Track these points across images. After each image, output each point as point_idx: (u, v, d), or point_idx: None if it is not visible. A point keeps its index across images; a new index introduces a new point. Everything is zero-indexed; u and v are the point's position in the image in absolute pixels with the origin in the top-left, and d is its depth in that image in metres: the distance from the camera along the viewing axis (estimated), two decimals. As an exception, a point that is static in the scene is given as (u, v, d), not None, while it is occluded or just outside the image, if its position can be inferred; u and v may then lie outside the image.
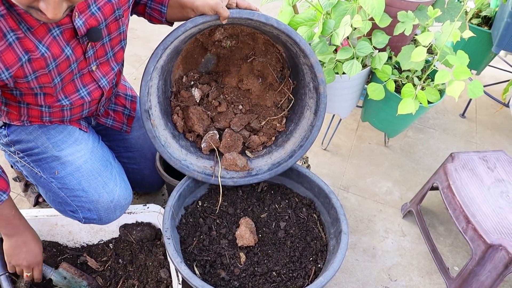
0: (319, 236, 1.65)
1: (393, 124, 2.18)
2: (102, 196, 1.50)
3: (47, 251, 1.71)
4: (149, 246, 1.71)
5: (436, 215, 2.16)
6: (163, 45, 1.37)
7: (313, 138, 1.62)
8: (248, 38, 1.65)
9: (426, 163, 2.46)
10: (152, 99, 1.53)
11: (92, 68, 1.40)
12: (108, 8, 1.31)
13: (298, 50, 1.48)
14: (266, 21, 1.36)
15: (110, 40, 1.40)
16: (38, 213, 1.67)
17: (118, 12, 1.36)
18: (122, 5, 1.36)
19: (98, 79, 1.45)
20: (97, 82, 1.45)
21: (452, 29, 1.72)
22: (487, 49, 2.50)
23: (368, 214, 2.15)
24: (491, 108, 2.93)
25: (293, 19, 1.88)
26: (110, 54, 1.44)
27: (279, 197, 1.75)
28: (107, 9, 1.31)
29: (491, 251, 1.56)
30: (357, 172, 2.36)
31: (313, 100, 1.60)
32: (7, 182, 1.34)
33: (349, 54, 1.77)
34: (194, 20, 1.35)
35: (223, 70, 1.73)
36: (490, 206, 1.66)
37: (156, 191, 2.13)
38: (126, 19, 1.43)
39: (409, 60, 1.79)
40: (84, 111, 1.53)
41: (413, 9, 1.87)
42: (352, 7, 1.82)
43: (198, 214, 1.67)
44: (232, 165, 1.66)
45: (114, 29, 1.38)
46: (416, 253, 2.00)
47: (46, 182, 1.51)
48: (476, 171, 1.80)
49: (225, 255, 1.54)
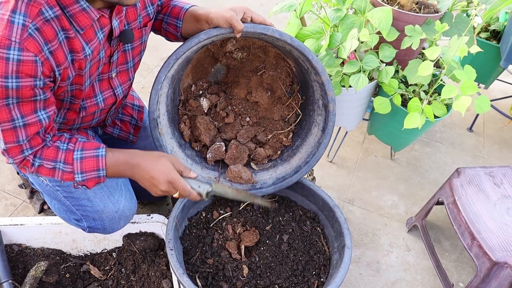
0: (323, 250, 1.64)
1: (399, 138, 2.17)
2: (107, 206, 1.50)
3: (51, 259, 1.72)
4: (152, 256, 1.71)
5: (441, 230, 2.14)
6: (175, 55, 1.38)
7: (319, 155, 1.61)
8: (259, 50, 1.65)
9: (432, 177, 2.44)
10: (161, 108, 1.53)
11: (112, 75, 1.43)
12: (132, 12, 1.34)
13: (310, 67, 1.48)
14: (280, 37, 1.37)
15: (133, 49, 1.43)
16: (43, 220, 1.68)
17: (139, 19, 1.38)
18: (142, 12, 1.39)
19: (115, 86, 1.46)
20: (114, 90, 1.47)
21: (460, 43, 1.72)
22: (495, 63, 2.48)
23: (373, 227, 2.14)
24: (499, 122, 2.92)
25: (300, 31, 1.89)
26: (130, 64, 1.47)
27: (283, 209, 1.75)
28: (132, 14, 1.34)
29: (496, 268, 1.54)
30: (362, 185, 2.36)
31: (321, 117, 1.60)
32: (96, 142, 1.35)
33: (356, 67, 1.77)
34: (208, 32, 1.36)
35: (232, 81, 1.73)
36: (496, 223, 1.64)
37: (161, 200, 2.13)
38: (148, 29, 1.47)
39: (416, 74, 1.79)
40: (94, 120, 1.54)
41: (420, 23, 1.86)
42: (359, 21, 1.83)
43: (201, 225, 1.67)
44: (237, 177, 1.66)
45: (137, 37, 1.41)
46: (420, 268, 1.98)
47: (52, 190, 1.52)
48: (482, 186, 1.78)
49: (228, 267, 1.54)
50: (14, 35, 1.03)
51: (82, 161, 1.28)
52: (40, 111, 1.18)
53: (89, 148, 1.30)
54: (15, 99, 1.11)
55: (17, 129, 1.17)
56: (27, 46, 1.05)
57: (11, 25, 1.03)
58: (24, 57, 1.05)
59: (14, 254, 1.71)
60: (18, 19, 1.04)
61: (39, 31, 1.08)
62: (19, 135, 1.18)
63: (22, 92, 1.10)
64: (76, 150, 1.28)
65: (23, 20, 1.04)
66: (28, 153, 1.23)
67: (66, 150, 1.28)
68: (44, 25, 1.09)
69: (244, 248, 1.61)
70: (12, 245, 1.72)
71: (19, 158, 1.23)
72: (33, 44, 1.06)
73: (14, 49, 1.03)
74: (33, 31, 1.06)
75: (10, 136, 1.18)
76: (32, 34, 1.06)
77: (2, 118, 1.13)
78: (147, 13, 1.42)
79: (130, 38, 1.36)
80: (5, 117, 1.13)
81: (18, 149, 1.21)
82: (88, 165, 1.28)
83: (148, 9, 1.42)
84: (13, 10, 1.04)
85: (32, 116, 1.17)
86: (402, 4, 1.93)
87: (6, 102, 1.10)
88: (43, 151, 1.26)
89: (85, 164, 1.28)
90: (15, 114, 1.14)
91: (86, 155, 1.28)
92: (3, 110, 1.11)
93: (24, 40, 1.04)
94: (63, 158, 1.27)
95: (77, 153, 1.28)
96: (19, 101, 1.12)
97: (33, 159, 1.25)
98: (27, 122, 1.17)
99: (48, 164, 1.26)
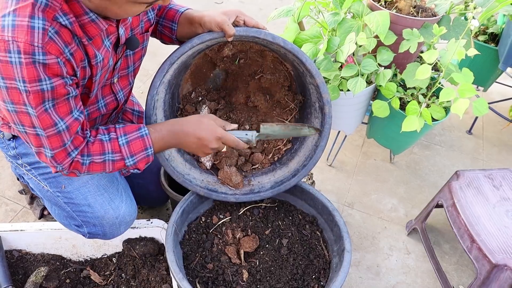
0: (322, 254, 1.64)
1: (398, 141, 2.17)
2: (108, 212, 1.51)
3: (51, 264, 1.72)
4: (152, 261, 1.71)
5: (441, 233, 2.14)
6: (169, 61, 1.39)
7: (316, 158, 1.62)
8: (256, 55, 1.65)
9: (431, 180, 2.45)
10: (158, 113, 1.54)
11: (114, 80, 1.44)
12: (135, 19, 1.35)
13: (305, 69, 1.48)
14: (273, 40, 1.37)
15: (134, 54, 1.44)
16: (43, 226, 1.68)
17: (141, 25, 1.39)
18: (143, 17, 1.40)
19: (116, 91, 1.48)
20: (115, 95, 1.48)
21: (457, 47, 1.72)
22: (494, 65, 2.49)
23: (373, 231, 2.14)
24: (498, 124, 2.92)
25: (298, 36, 1.89)
26: (131, 68, 1.48)
27: (282, 213, 1.75)
28: (135, 20, 1.35)
29: (496, 271, 1.54)
30: (362, 189, 2.36)
31: (318, 120, 1.60)
32: (135, 123, 1.38)
33: (354, 71, 1.78)
34: (201, 36, 1.36)
35: (231, 86, 1.73)
36: (495, 225, 1.64)
37: (161, 205, 2.14)
38: (149, 34, 1.48)
39: (414, 78, 1.79)
40: (95, 126, 1.54)
41: (418, 27, 1.87)
42: (357, 25, 1.84)
43: (201, 230, 1.67)
44: (227, 179, 1.66)
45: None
46: (420, 272, 1.98)
47: (52, 196, 1.52)
48: (482, 189, 1.78)
49: (228, 272, 1.54)
50: (36, 40, 1.03)
51: (129, 145, 1.30)
52: (74, 111, 1.20)
53: (132, 131, 1.33)
54: (51, 101, 1.12)
55: (61, 133, 1.18)
56: (49, 49, 1.06)
57: (32, 31, 1.03)
58: (48, 60, 1.06)
59: (14, 260, 1.71)
60: (38, 24, 1.04)
61: (58, 34, 1.09)
62: (64, 138, 1.19)
63: (57, 92, 1.11)
64: (120, 136, 1.31)
65: (42, 24, 1.05)
66: (75, 154, 1.24)
67: (110, 140, 1.29)
68: (61, 28, 1.10)
69: (244, 252, 1.61)
70: (12, 251, 1.73)
71: (67, 161, 1.23)
72: (55, 47, 1.07)
73: (39, 54, 1.04)
74: (53, 35, 1.07)
75: (56, 141, 1.18)
76: (53, 38, 1.07)
77: (46, 125, 1.14)
78: (148, 19, 1.43)
79: (136, 45, 1.38)
80: (48, 123, 1.14)
81: (64, 152, 1.22)
82: (136, 147, 1.31)
83: (149, 15, 1.42)
84: (31, 16, 1.04)
85: (69, 117, 1.18)
86: (400, 7, 1.94)
87: (44, 107, 1.11)
88: (89, 148, 1.27)
89: (132, 147, 1.31)
90: (55, 118, 1.15)
91: (131, 138, 1.31)
92: (44, 116, 1.12)
93: (46, 44, 1.05)
94: (110, 148, 1.29)
95: (122, 139, 1.30)
96: (55, 103, 1.13)
97: (81, 158, 1.26)
98: (68, 124, 1.18)
99: (98, 158, 1.28)
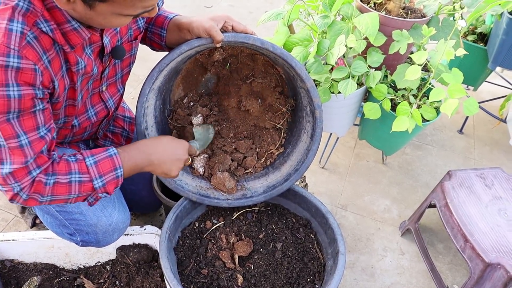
0: (316, 257, 1.64)
1: (390, 142, 2.18)
2: (101, 220, 1.50)
3: (44, 273, 1.70)
4: (146, 268, 1.70)
5: (434, 232, 2.15)
6: (158, 68, 1.38)
7: (308, 162, 1.61)
8: (247, 59, 1.65)
9: (424, 180, 2.45)
10: (149, 120, 1.53)
11: (103, 88, 1.42)
12: (123, 27, 1.34)
13: (295, 74, 1.48)
14: (262, 45, 1.36)
15: (122, 61, 1.43)
16: (35, 235, 1.67)
17: (130, 32, 1.38)
18: (133, 26, 1.39)
19: (106, 99, 1.47)
20: (105, 103, 1.47)
21: (446, 47, 1.73)
22: (483, 65, 2.51)
23: (367, 232, 2.14)
24: (488, 124, 2.94)
25: (289, 39, 1.89)
26: (119, 75, 1.47)
27: (276, 217, 1.75)
28: (123, 28, 1.34)
29: (490, 270, 1.55)
30: (355, 190, 2.36)
31: (309, 124, 1.60)
32: (102, 148, 1.32)
33: (344, 73, 1.78)
34: (189, 43, 1.35)
35: (223, 90, 1.73)
36: (488, 224, 1.65)
37: (154, 211, 2.13)
38: (138, 42, 1.46)
39: (404, 79, 1.80)
40: (85, 133, 1.53)
41: (407, 28, 1.88)
42: (347, 27, 1.84)
43: (195, 236, 1.67)
44: (220, 184, 1.65)
45: (127, 50, 1.41)
46: (415, 272, 1.98)
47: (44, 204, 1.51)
48: (474, 189, 1.79)
49: (222, 277, 1.53)
50: (12, 42, 1.01)
51: (97, 165, 1.25)
52: (41, 128, 1.14)
53: (99, 152, 1.28)
54: (17, 112, 1.06)
55: (24, 148, 1.11)
56: (26, 54, 1.03)
57: (10, 33, 1.01)
58: (23, 64, 1.03)
59: (7, 270, 1.70)
60: (16, 27, 1.02)
61: (37, 39, 1.06)
62: (27, 153, 1.12)
63: (24, 102, 1.06)
64: (87, 157, 1.25)
65: (21, 28, 1.03)
66: (36, 173, 1.15)
67: (77, 161, 1.23)
68: (41, 34, 1.08)
69: (238, 257, 1.60)
70: (4, 261, 1.71)
71: (27, 180, 1.14)
72: (32, 52, 1.05)
73: (14, 56, 1.01)
74: (32, 40, 1.05)
75: (19, 155, 1.11)
76: (31, 43, 1.04)
77: (7, 135, 1.08)
78: (138, 27, 1.42)
79: (121, 54, 1.36)
80: (10, 133, 1.08)
81: (25, 170, 1.13)
82: (104, 167, 1.25)
83: (138, 22, 1.42)
84: (10, 19, 1.02)
85: (34, 133, 1.12)
86: (389, 9, 1.95)
87: (7, 117, 1.06)
88: (54, 167, 1.20)
89: (101, 166, 1.25)
90: (18, 130, 1.09)
91: (99, 158, 1.26)
92: (5, 125, 1.07)
93: (23, 48, 1.03)
94: (77, 168, 1.22)
95: (89, 159, 1.25)
96: (20, 115, 1.07)
97: (45, 177, 1.18)
98: (30, 139, 1.12)
99: (63, 179, 1.20)
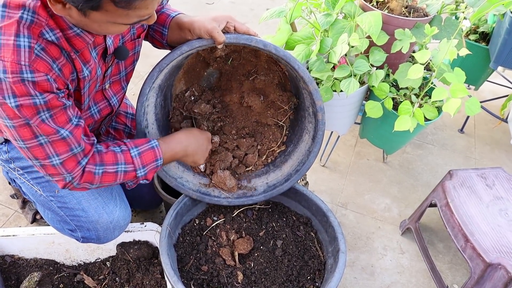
0: (317, 255, 1.64)
1: (391, 141, 2.18)
2: (102, 217, 1.50)
3: (44, 269, 1.70)
4: (146, 265, 1.70)
5: (435, 232, 2.15)
6: (159, 67, 1.37)
7: (309, 163, 1.61)
8: (250, 55, 1.64)
9: (425, 180, 2.45)
10: (149, 118, 1.53)
11: (106, 86, 1.43)
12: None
13: (298, 76, 1.47)
14: (264, 47, 1.35)
15: (125, 60, 1.42)
16: (35, 231, 1.67)
17: (133, 31, 1.38)
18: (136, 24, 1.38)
19: (109, 97, 1.47)
20: (108, 100, 1.47)
21: (449, 46, 1.73)
22: (485, 64, 2.50)
23: (367, 231, 2.14)
24: (489, 123, 2.93)
25: (291, 37, 1.89)
26: (122, 74, 1.47)
27: (276, 215, 1.75)
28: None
29: (490, 270, 1.55)
30: (355, 189, 2.36)
31: (312, 125, 1.59)
32: (145, 139, 1.42)
33: (347, 72, 1.78)
34: (190, 44, 1.34)
35: (225, 85, 1.72)
36: (488, 224, 1.65)
37: (154, 208, 2.13)
38: (141, 40, 1.46)
39: (406, 77, 1.79)
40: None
41: (410, 27, 1.88)
42: (349, 25, 1.84)
43: (195, 232, 1.67)
44: (221, 183, 1.65)
45: (130, 48, 1.40)
46: (415, 271, 1.98)
47: (45, 200, 1.51)
48: (475, 188, 1.79)
49: (222, 274, 1.53)
50: (22, 59, 1.03)
51: (141, 156, 1.35)
52: (73, 118, 1.19)
53: (142, 143, 1.38)
54: (47, 112, 1.11)
55: (66, 139, 1.18)
56: (37, 67, 1.06)
57: (18, 49, 1.03)
58: (37, 77, 1.06)
59: (7, 266, 1.70)
60: (23, 42, 1.04)
61: (45, 50, 1.08)
62: (71, 144, 1.19)
63: (51, 104, 1.11)
64: (131, 148, 1.35)
65: (28, 42, 1.05)
66: (85, 162, 1.24)
67: (122, 152, 1.33)
68: (48, 44, 1.09)
69: (238, 254, 1.60)
70: (4, 256, 1.71)
71: (78, 170, 1.23)
72: (42, 64, 1.07)
73: (27, 72, 1.04)
74: (39, 52, 1.07)
75: (63, 146, 1.18)
76: (39, 55, 1.06)
77: (48, 132, 1.14)
78: (141, 24, 1.41)
79: (125, 55, 1.37)
80: (49, 131, 1.14)
81: (74, 160, 1.22)
82: (147, 158, 1.36)
83: None
84: (17, 34, 1.04)
85: (69, 125, 1.18)
86: (392, 8, 1.94)
87: (41, 117, 1.11)
88: (102, 157, 1.29)
89: (144, 158, 1.35)
90: (55, 127, 1.14)
91: (142, 150, 1.36)
92: (43, 125, 1.12)
93: (33, 62, 1.05)
94: (123, 159, 1.32)
95: (134, 151, 1.35)
96: (52, 113, 1.13)
97: (95, 167, 1.27)
98: (70, 130, 1.18)
99: (110, 168, 1.30)
